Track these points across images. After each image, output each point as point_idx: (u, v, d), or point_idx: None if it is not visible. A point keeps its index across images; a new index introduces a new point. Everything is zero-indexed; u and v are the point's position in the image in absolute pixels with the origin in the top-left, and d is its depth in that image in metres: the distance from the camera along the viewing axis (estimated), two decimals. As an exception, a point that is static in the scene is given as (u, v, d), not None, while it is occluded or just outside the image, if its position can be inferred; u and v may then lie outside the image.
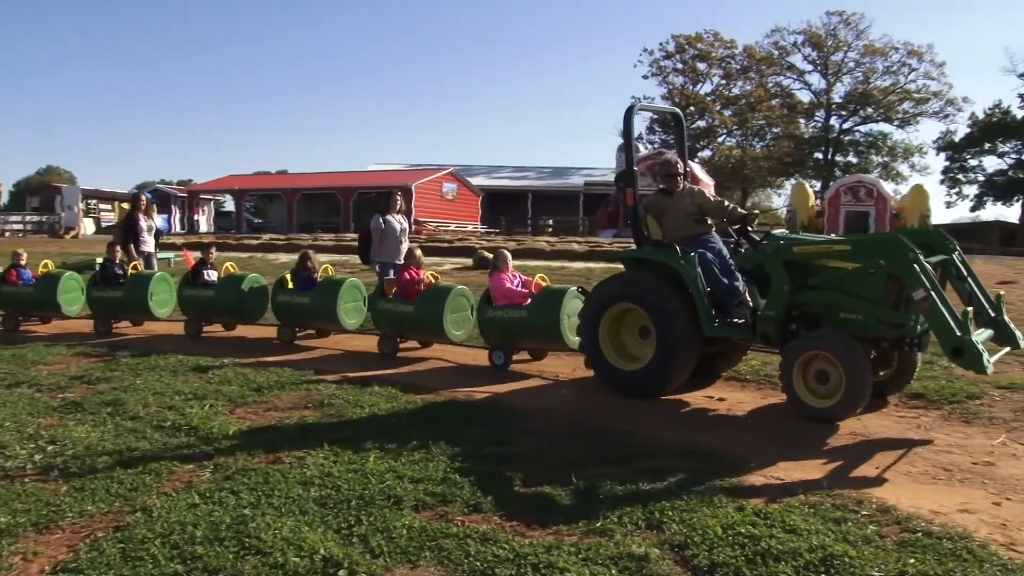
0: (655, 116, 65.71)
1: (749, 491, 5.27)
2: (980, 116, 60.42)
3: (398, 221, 11.93)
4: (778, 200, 73.53)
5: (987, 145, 60.41)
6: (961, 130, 62.05)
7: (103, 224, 49.98)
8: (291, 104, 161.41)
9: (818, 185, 59.24)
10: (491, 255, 12.51)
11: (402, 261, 11.41)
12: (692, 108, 65.53)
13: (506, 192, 57.07)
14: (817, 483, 5.40)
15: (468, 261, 20.40)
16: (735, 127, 65.81)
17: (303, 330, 11.57)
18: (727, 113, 65.72)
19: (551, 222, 47.32)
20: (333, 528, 4.70)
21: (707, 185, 37.56)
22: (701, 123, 66.37)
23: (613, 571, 4.11)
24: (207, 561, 4.26)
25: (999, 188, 60.22)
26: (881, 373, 7.48)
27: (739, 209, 8.03)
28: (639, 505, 4.93)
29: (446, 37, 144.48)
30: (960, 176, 62.48)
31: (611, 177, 48.06)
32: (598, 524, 4.70)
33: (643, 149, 49.17)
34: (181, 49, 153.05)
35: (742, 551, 4.29)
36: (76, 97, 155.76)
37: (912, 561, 4.17)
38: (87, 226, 47.83)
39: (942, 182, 63.43)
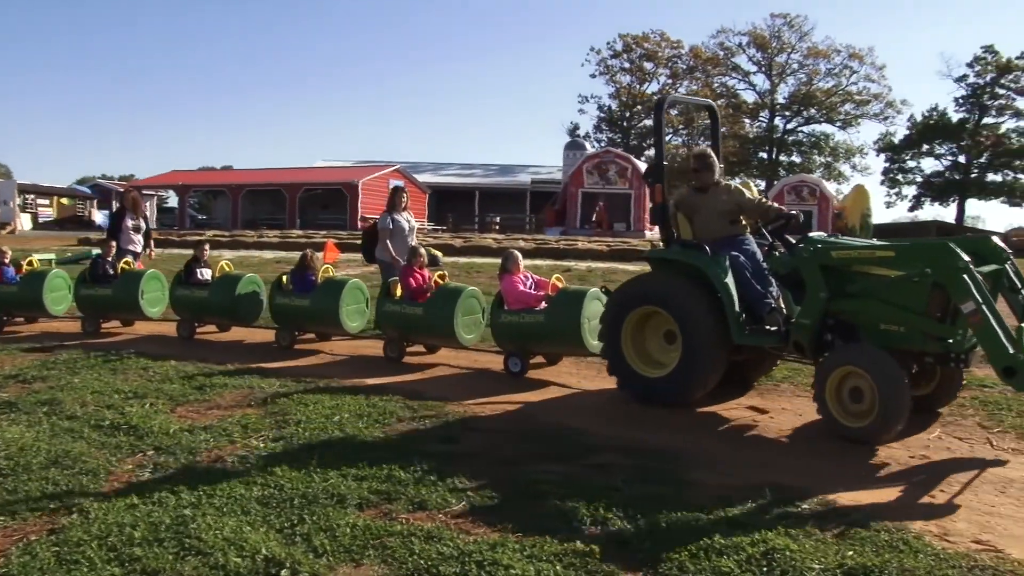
0: (602, 114, 66.19)
1: (694, 487, 5.31)
2: (918, 119, 61.87)
3: (406, 219, 11.23)
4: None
5: (925, 147, 61.93)
6: (900, 132, 63.62)
7: (40, 220, 48.91)
8: (237, 100, 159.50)
9: (763, 184, 60.10)
10: (439, 253, 12.36)
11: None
12: (639, 107, 66.10)
13: (453, 189, 56.95)
14: (761, 477, 5.46)
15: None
16: (681, 126, 66.45)
17: (303, 333, 10.98)
18: (673, 112, 66.30)
19: (498, 219, 47.29)
20: (275, 527, 4.64)
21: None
22: (648, 122, 66.91)
23: (558, 567, 4.11)
24: (145, 563, 4.17)
25: (936, 189, 61.70)
26: (923, 390, 6.89)
27: (781, 209, 7.57)
28: (584, 501, 4.94)
29: (394, 35, 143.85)
30: (899, 177, 63.91)
31: (558, 175, 48.26)
32: (542, 520, 4.69)
33: (590, 148, 49.28)
34: (122, 42, 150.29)
35: (685, 546, 4.32)
36: (11, 89, 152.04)
37: (851, 553, 4.24)
38: (24, 222, 46.73)
39: (882, 182, 64.92)
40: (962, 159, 60.66)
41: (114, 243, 12.53)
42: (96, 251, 13.42)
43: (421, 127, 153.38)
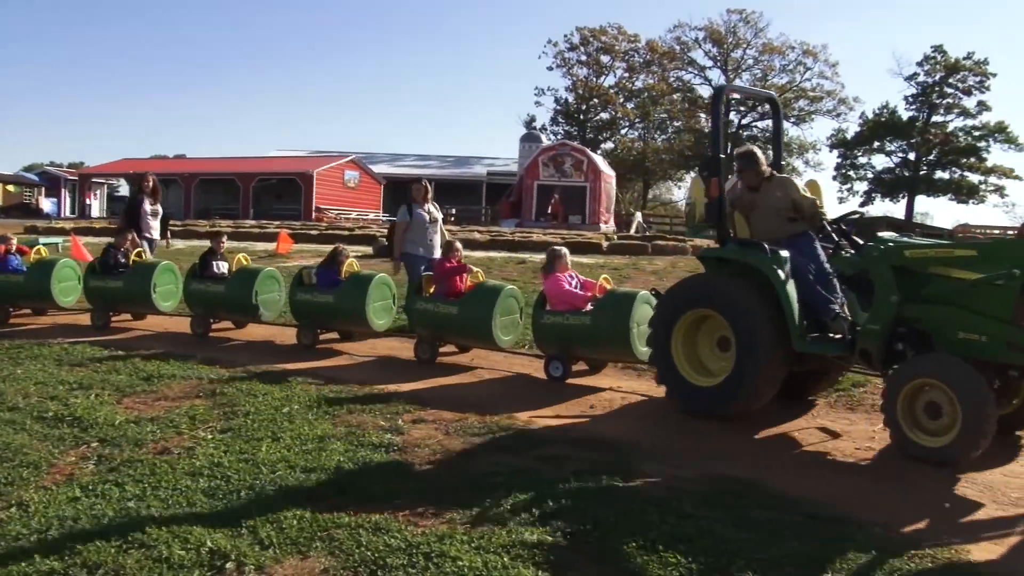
0: (559, 107, 66.27)
1: (644, 478, 5.34)
2: (870, 116, 62.77)
3: (426, 211, 10.61)
4: (678, 192, 74.98)
5: (876, 144, 62.81)
6: (852, 128, 64.36)
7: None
8: (190, 88, 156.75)
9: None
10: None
11: (435, 255, 10.27)
12: (595, 100, 66.26)
13: (409, 180, 56.56)
14: (711, 469, 5.51)
15: (368, 249, 20.20)
16: (637, 120, 66.74)
17: (325, 331, 10.28)
18: (630, 106, 66.61)
19: (453, 211, 47.07)
20: (221, 520, 4.58)
21: (608, 176, 38.09)
22: (604, 115, 67.21)
23: (505, 559, 4.11)
24: (87, 556, 4.10)
25: (887, 185, 62.63)
26: (1005, 408, 6.09)
27: (824, 214, 7.06)
28: (533, 493, 4.95)
29: (349, 24, 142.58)
30: (851, 173, 64.72)
31: (514, 167, 48.26)
32: (491, 512, 4.70)
33: (546, 140, 49.36)
34: (72, 26, 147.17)
35: (634, 537, 4.34)
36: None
37: (795, 543, 4.29)
38: (-32, 209, 45.71)
39: (835, 178, 65.63)
40: (912, 156, 61.67)
41: (132, 234, 11.72)
42: (44, 240, 12.69)
43: (377, 118, 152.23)
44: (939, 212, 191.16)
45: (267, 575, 4.03)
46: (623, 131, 68.15)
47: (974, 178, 60.08)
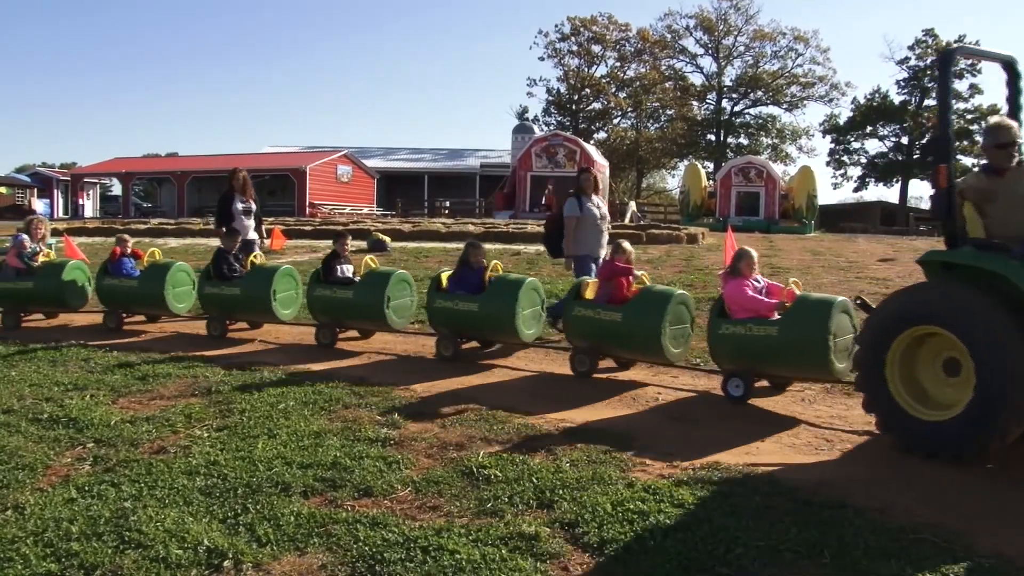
0: (551, 97, 66.18)
1: (640, 467, 5.35)
2: (862, 101, 62.83)
3: (596, 206, 9.75)
4: (672, 181, 75.07)
5: (869, 128, 62.91)
6: (845, 114, 64.47)
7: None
8: (181, 85, 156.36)
9: (710, 166, 60.60)
10: (387, 238, 11.37)
11: (601, 255, 9.39)
12: (587, 90, 66.20)
13: (402, 174, 56.57)
14: (707, 457, 5.51)
15: (363, 244, 20.15)
16: (630, 109, 66.70)
17: (467, 341, 9.18)
18: (622, 95, 66.56)
19: (447, 204, 47.15)
20: (218, 518, 4.59)
21: (602, 167, 38.06)
22: (596, 105, 67.15)
23: (503, 551, 4.11)
24: (83, 558, 4.10)
25: (880, 170, 62.75)
26: None
27: None
28: (530, 484, 4.96)
29: (339, 18, 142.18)
30: (844, 158, 64.86)
31: (507, 159, 48.21)
32: (488, 505, 4.71)
33: (538, 131, 49.30)
34: (63, 27, 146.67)
35: (631, 527, 4.35)
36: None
37: (794, 530, 4.30)
38: (-39, 211, 45.53)
39: (828, 164, 65.80)
40: (905, 140, 61.75)
41: (240, 235, 11.04)
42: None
43: (369, 112, 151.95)
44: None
45: (265, 572, 4.02)
46: (616, 120, 68.14)
47: (967, 161, 60.15)
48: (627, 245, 8.35)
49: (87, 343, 9.66)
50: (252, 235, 11.56)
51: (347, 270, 10.02)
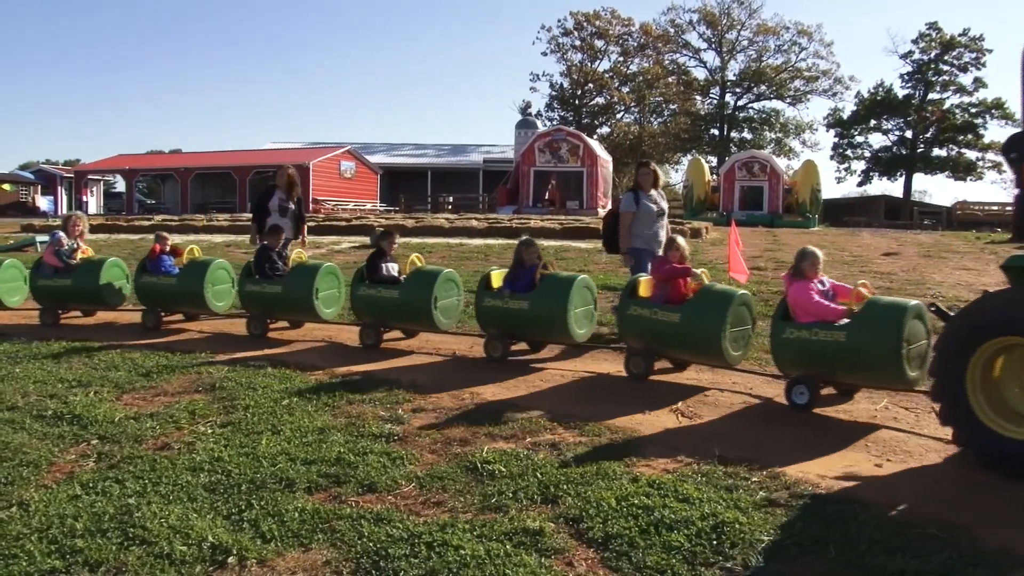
0: (554, 92, 66.13)
1: (643, 462, 5.34)
2: (865, 95, 62.69)
3: (654, 201, 9.40)
4: (675, 176, 74.88)
5: (872, 122, 62.77)
6: (848, 108, 64.32)
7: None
8: (185, 82, 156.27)
9: (714, 161, 60.53)
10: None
11: (659, 251, 8.97)
12: (590, 85, 66.11)
13: (405, 170, 56.59)
14: (709, 452, 5.50)
15: (366, 239, 20.16)
16: (633, 104, 66.59)
17: (516, 342, 8.83)
18: (625, 90, 66.47)
19: (451, 199, 47.13)
20: (223, 514, 4.59)
21: (605, 161, 38.04)
22: (599, 100, 67.06)
23: (508, 547, 4.11)
24: (88, 554, 4.10)
25: (884, 163, 62.63)
26: None
27: None
28: (534, 479, 4.95)
29: (342, 14, 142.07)
30: (848, 152, 64.73)
31: (510, 154, 48.19)
32: (493, 500, 4.70)
33: (541, 126, 49.24)
34: (66, 23, 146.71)
35: (636, 522, 4.35)
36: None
37: (799, 525, 4.29)
38: (-38, 208, 45.59)
39: (832, 158, 65.69)
40: (908, 134, 61.62)
41: (284, 233, 10.67)
42: (40, 238, 11.91)
43: (373, 108, 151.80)
44: (937, 190, 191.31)
45: (269, 568, 4.02)
46: (619, 115, 68.03)
47: (972, 155, 60.08)
48: (681, 241, 8.04)
49: (123, 343, 9.45)
50: (288, 234, 11.13)
51: (392, 269, 9.73)
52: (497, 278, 8.78)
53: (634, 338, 7.84)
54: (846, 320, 6.57)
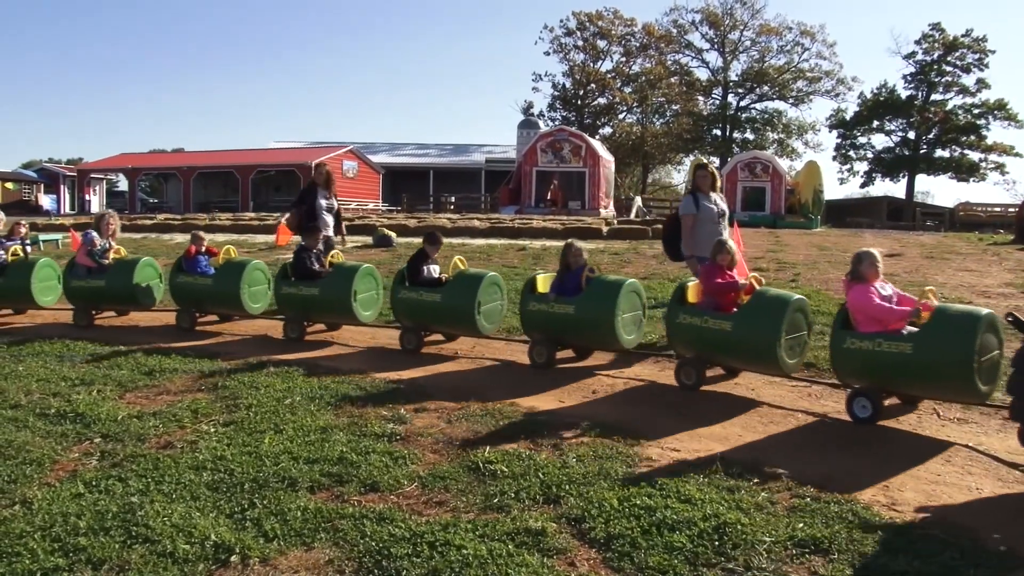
0: (556, 92, 66.17)
1: (646, 463, 5.34)
2: (868, 96, 62.63)
3: (714, 203, 9.05)
4: (677, 176, 74.93)
5: (875, 123, 62.68)
6: (851, 109, 64.22)
7: (-15, 205, 47.84)
8: (188, 81, 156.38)
9: (716, 161, 60.47)
10: (392, 233, 10.34)
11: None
12: (593, 85, 66.07)
13: (407, 169, 56.57)
14: (713, 451, 5.51)
15: (368, 239, 20.15)
16: (635, 104, 66.50)
17: (563, 348, 8.55)
18: (627, 90, 66.37)
19: (453, 199, 47.11)
20: (225, 513, 4.60)
21: (607, 161, 38.01)
22: (602, 100, 66.99)
23: (510, 546, 4.11)
24: (91, 552, 4.12)
25: (887, 164, 62.51)
26: None
27: None
28: (536, 479, 4.96)
29: (345, 14, 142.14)
30: (851, 153, 64.61)
31: (512, 154, 48.20)
32: (495, 500, 4.71)
33: (544, 126, 49.22)
34: (68, 23, 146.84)
35: (638, 522, 4.35)
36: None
37: (801, 525, 4.30)
38: (-34, 207, 45.62)
39: (834, 159, 65.54)
40: (911, 135, 61.54)
41: (322, 232, 10.52)
42: (44, 236, 11.75)
43: (375, 108, 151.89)
44: (940, 191, 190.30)
45: (272, 567, 4.03)
46: (621, 116, 67.96)
47: (974, 156, 59.94)
48: (731, 244, 7.71)
49: (159, 345, 9.29)
50: (330, 231, 11.03)
51: (435, 271, 9.49)
52: (543, 282, 8.56)
53: (684, 347, 7.54)
54: (913, 329, 6.23)
